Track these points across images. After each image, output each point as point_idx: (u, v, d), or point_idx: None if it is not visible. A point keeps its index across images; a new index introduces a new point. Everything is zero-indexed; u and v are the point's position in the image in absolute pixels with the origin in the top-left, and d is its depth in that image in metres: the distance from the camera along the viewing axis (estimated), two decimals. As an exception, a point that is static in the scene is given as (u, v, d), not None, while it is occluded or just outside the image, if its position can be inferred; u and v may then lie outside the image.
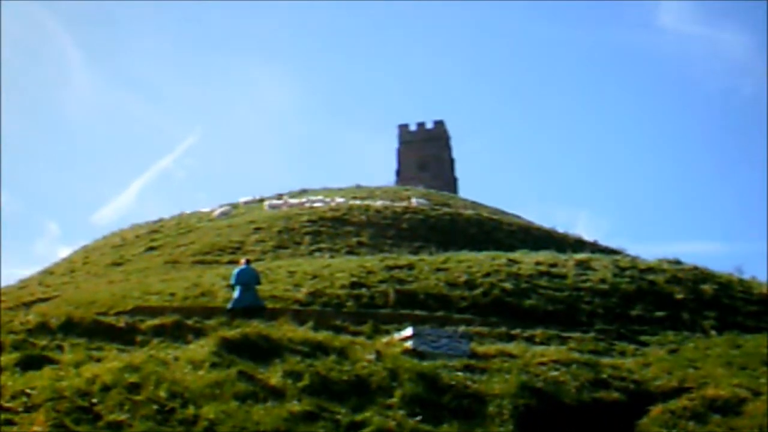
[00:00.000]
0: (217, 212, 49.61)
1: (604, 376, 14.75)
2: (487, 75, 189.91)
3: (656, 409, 13.32)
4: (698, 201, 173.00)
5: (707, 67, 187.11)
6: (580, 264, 26.44)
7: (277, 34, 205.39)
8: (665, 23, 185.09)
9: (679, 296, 23.80)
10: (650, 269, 26.33)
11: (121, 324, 17.76)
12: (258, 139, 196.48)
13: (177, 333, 17.29)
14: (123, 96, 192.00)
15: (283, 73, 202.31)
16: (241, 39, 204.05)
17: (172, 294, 22.85)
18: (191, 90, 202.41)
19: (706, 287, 24.66)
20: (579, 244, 41.71)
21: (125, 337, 16.90)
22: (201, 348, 13.85)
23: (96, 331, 17.02)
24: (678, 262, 27.87)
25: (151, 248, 39.28)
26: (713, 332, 20.63)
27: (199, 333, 16.83)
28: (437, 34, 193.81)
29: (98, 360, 13.64)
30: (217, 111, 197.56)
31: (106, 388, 11.55)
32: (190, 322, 18.27)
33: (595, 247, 41.42)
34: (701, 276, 26.00)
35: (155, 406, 11.16)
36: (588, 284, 24.28)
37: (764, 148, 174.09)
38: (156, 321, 18.08)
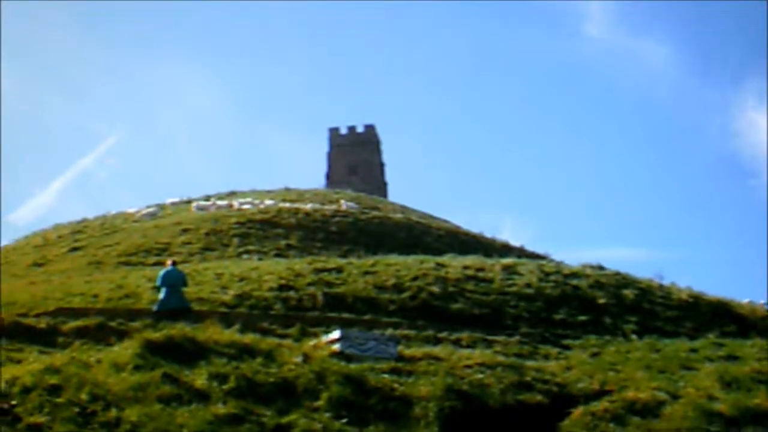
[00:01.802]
0: (143, 213, 48.89)
1: (528, 378, 14.95)
2: (417, 80, 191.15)
3: (577, 412, 13.57)
4: (621, 208, 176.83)
5: (630, 76, 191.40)
6: (507, 269, 26.78)
7: (207, 35, 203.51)
8: (590, 32, 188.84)
9: (602, 301, 24.30)
10: (574, 274, 26.83)
11: (43, 325, 17.42)
12: (185, 140, 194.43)
13: (100, 335, 17.01)
14: (41, 93, 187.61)
15: (213, 74, 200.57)
16: (169, 39, 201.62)
17: (96, 295, 22.44)
18: (115, 89, 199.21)
19: (628, 292, 25.22)
20: (506, 249, 42.30)
21: (46, 338, 16.59)
22: (124, 350, 13.63)
23: (16, 332, 16.66)
24: (601, 268, 28.47)
25: (75, 249, 38.48)
26: (634, 336, 21.11)
27: (123, 335, 16.57)
28: (369, 38, 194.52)
29: (18, 362, 13.34)
30: (142, 110, 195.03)
31: (26, 390, 11.30)
32: (113, 323, 17.99)
33: (521, 252, 41.99)
34: (623, 281, 26.59)
35: (76, 409, 10.96)
36: (514, 288, 24.62)
37: (683, 156, 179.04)
38: (78, 322, 17.77)
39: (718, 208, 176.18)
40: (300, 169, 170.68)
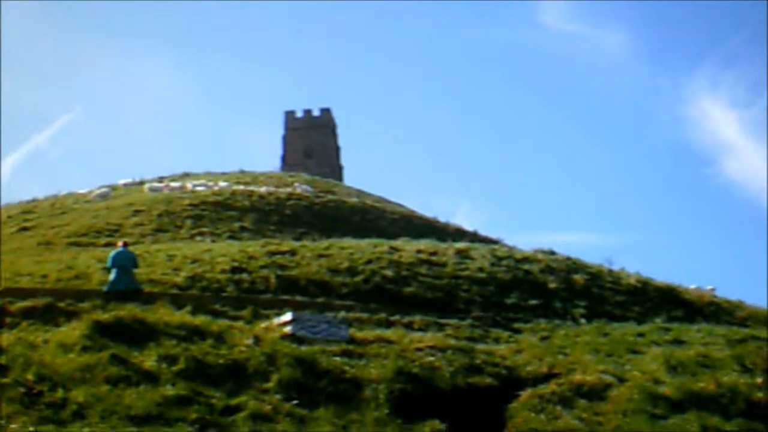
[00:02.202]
0: (95, 194, 48.26)
1: (478, 362, 15.11)
2: (373, 65, 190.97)
3: (525, 394, 13.73)
4: (574, 194, 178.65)
5: (587, 65, 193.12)
6: (460, 253, 26.94)
7: (165, 19, 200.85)
8: (546, 21, 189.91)
9: (552, 285, 24.56)
10: (526, 259, 27.07)
11: (-11, 305, 17.10)
12: (140, 120, 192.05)
13: (48, 316, 16.75)
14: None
15: (169, 56, 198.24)
16: (126, 21, 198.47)
17: (45, 276, 22.11)
18: (71, 69, 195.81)
19: (578, 277, 25.52)
20: (459, 234, 42.55)
21: (-7, 319, 16.28)
22: (72, 331, 13.50)
23: (-38, 312, 16.35)
24: (552, 253, 28.76)
25: (24, 228, 37.92)
26: (583, 320, 21.38)
27: (72, 316, 16.34)
28: (327, 24, 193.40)
29: (-37, 342, 13.12)
30: (99, 91, 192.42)
31: (-30, 371, 11.15)
32: (62, 304, 17.70)
33: (474, 237, 42.30)
34: (574, 266, 26.89)
35: (22, 389, 10.85)
36: (466, 273, 24.77)
37: (636, 143, 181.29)
38: (27, 303, 17.45)
39: (668, 195, 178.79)
40: (255, 151, 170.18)
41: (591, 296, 24.29)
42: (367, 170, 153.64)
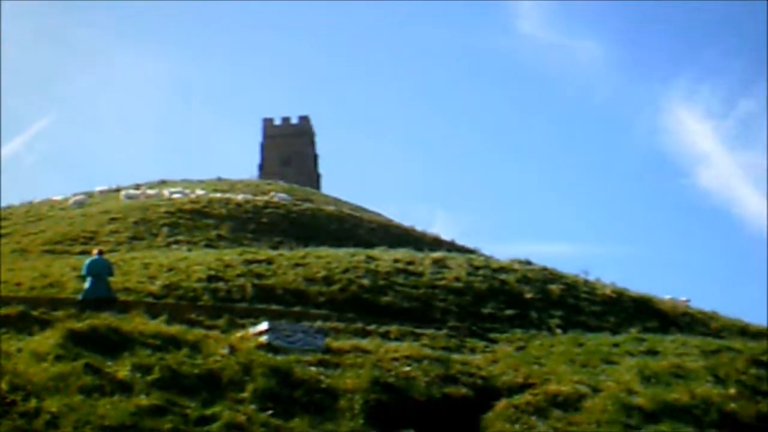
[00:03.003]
0: (71, 201, 47.96)
1: (454, 372, 15.15)
2: (352, 73, 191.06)
3: (501, 404, 13.80)
4: (550, 204, 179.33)
5: (560, 72, 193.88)
6: (437, 262, 27.00)
7: (143, 22, 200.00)
8: (523, 29, 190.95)
9: (529, 295, 24.67)
10: (502, 269, 27.16)
11: (-38, 314, 16.93)
12: (117, 127, 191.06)
13: (22, 324, 16.56)
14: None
15: (148, 62, 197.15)
16: (105, 25, 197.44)
17: (19, 284, 21.96)
18: (47, 73, 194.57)
19: (554, 287, 25.65)
20: (436, 243, 42.61)
21: (-34, 327, 16.11)
22: (46, 339, 13.41)
23: (-66, 320, 16.17)
24: (528, 263, 28.87)
25: (-2, 236, 37.58)
26: (558, 331, 21.47)
27: (46, 324, 16.19)
28: (305, 31, 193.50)
29: (-66, 351, 12.99)
30: (75, 96, 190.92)
31: (-58, 380, 11.04)
32: (36, 313, 17.53)
33: (451, 246, 42.35)
34: (549, 276, 27.02)
35: (-6, 399, 10.75)
36: (443, 282, 24.82)
37: (612, 153, 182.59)
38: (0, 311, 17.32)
39: (645, 205, 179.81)
40: (232, 159, 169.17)
41: (567, 306, 24.42)
42: (345, 179, 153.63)
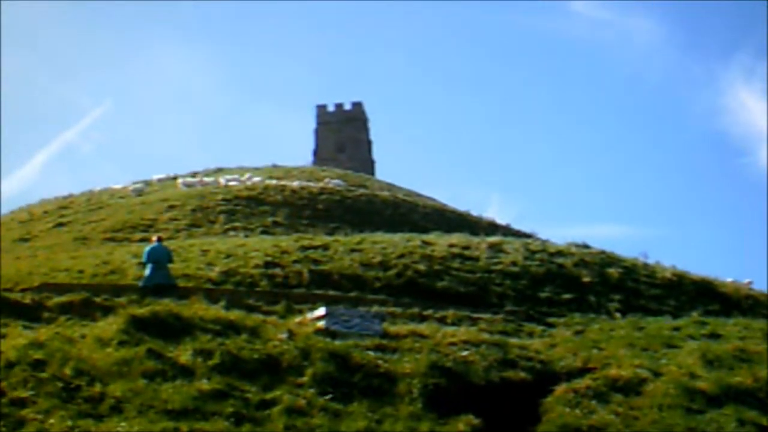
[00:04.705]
0: (129, 189, 48.71)
1: (512, 356, 15.06)
2: (404, 58, 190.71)
3: (560, 389, 13.67)
4: (607, 185, 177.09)
5: (616, 53, 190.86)
6: (492, 247, 26.82)
7: (195, 11, 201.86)
8: (576, 7, 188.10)
9: (586, 279, 24.39)
10: (559, 253, 26.89)
11: (27, 300, 17.33)
12: (172, 116, 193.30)
13: (85, 311, 16.94)
14: (25, 64, 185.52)
15: (201, 51, 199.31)
16: (157, 17, 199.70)
17: (81, 271, 22.38)
18: (101, 64, 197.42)
19: (612, 271, 25.32)
20: (492, 227, 42.34)
21: (31, 314, 16.48)
22: (109, 325, 13.65)
23: (1, 307, 16.56)
24: (586, 246, 28.54)
25: (60, 224, 38.37)
26: (618, 315, 21.20)
27: (108, 311, 16.50)
28: (357, 16, 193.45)
29: (2, 337, 13.32)
30: (130, 85, 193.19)
31: (9, 365, 11.33)
32: (98, 299, 17.90)
33: (507, 231, 42.07)
34: (608, 260, 26.67)
35: (60, 384, 11.00)
36: (499, 267, 24.66)
37: (670, 133, 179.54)
38: (63, 298, 17.66)
39: (705, 187, 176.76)
40: (287, 146, 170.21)
41: (626, 290, 24.10)
42: (399, 164, 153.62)
